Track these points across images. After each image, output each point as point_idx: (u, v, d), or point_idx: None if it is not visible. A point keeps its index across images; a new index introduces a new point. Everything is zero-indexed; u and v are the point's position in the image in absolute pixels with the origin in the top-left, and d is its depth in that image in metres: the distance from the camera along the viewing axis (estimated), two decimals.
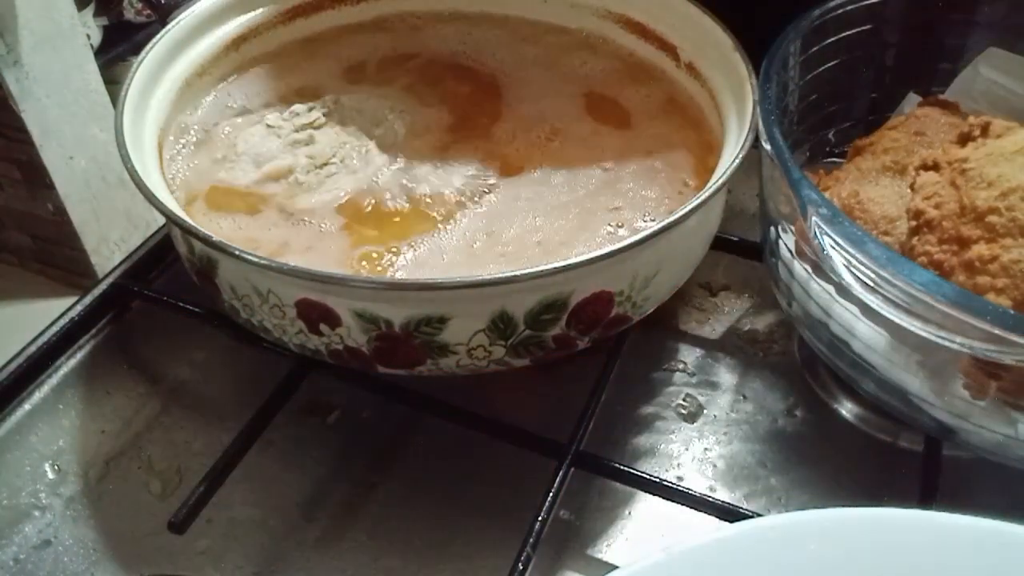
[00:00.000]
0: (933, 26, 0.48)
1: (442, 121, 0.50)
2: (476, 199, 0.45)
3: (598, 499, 0.41)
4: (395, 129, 0.49)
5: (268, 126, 0.48)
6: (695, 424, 0.44)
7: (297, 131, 0.48)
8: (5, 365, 0.45)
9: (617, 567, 0.27)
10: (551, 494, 0.37)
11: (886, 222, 0.41)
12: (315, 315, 0.37)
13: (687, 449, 0.43)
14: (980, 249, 0.35)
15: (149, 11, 1.74)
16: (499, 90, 0.52)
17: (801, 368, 0.47)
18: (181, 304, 0.46)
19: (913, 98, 0.49)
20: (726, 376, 0.46)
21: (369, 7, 0.57)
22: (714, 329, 0.49)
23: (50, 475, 0.42)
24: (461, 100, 0.51)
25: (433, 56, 0.55)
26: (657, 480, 0.39)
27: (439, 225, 0.43)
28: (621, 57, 0.54)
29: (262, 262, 0.36)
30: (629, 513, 0.41)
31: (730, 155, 0.41)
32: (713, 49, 0.48)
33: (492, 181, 0.46)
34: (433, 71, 0.53)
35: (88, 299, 0.48)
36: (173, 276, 0.51)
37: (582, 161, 0.47)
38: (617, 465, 0.40)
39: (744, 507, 0.38)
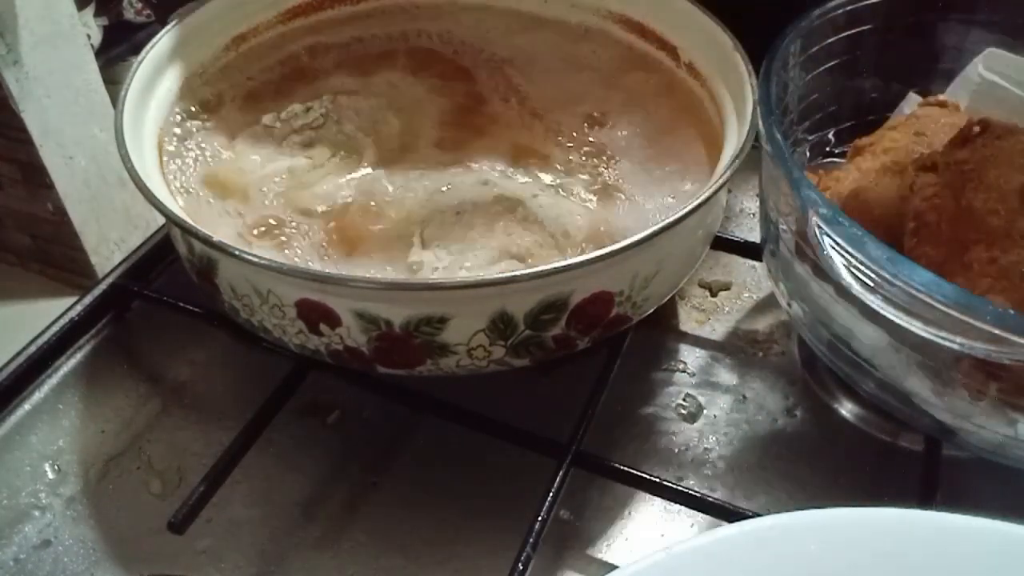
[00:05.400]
0: (933, 26, 0.48)
1: (443, 119, 0.50)
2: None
3: (598, 499, 0.41)
4: (395, 128, 0.49)
5: (266, 126, 0.48)
6: (695, 424, 0.44)
7: (295, 132, 0.48)
8: (5, 365, 0.45)
9: (617, 567, 0.27)
10: (551, 494, 0.37)
11: (886, 222, 0.41)
12: (315, 315, 0.37)
13: (687, 449, 0.43)
14: (979, 251, 0.35)
15: (149, 11, 1.74)
16: (500, 85, 0.52)
17: (801, 368, 0.47)
18: (181, 304, 0.46)
19: (913, 98, 0.49)
20: (726, 376, 0.47)
21: (368, 5, 0.57)
22: (714, 329, 0.49)
23: (50, 475, 0.42)
24: (461, 97, 0.51)
25: (434, 52, 0.55)
26: (657, 480, 0.39)
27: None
28: (621, 49, 0.54)
29: (262, 262, 0.36)
30: (629, 513, 0.41)
31: (730, 155, 0.41)
32: (713, 49, 0.48)
33: (490, 178, 0.46)
34: (434, 67, 0.53)
35: (88, 299, 0.48)
36: (173, 276, 0.51)
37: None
38: (617, 465, 0.40)
39: (744, 507, 0.38)
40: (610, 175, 0.46)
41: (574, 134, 0.49)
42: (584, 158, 0.47)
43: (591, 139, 0.48)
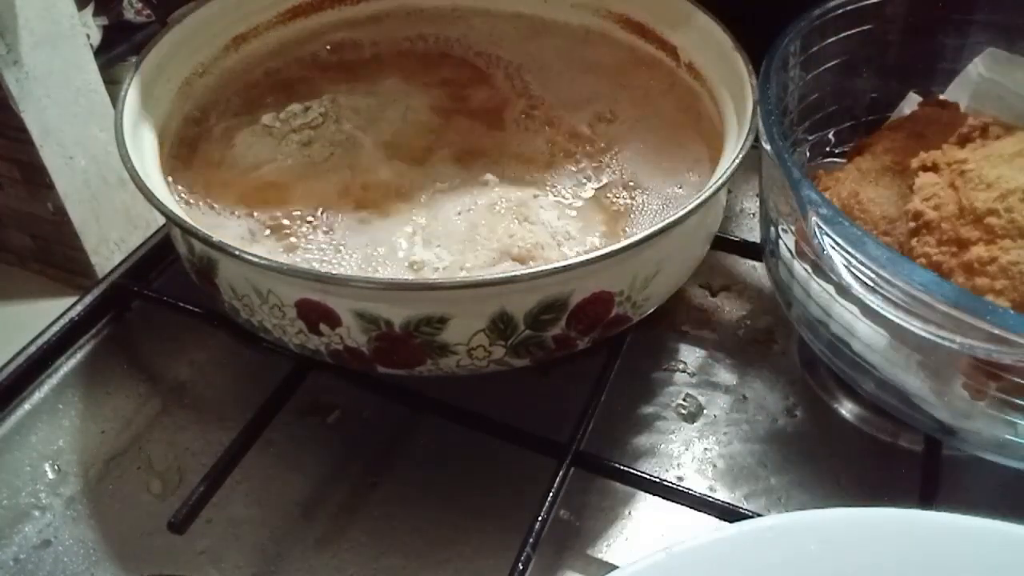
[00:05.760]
0: (933, 26, 0.48)
1: (443, 118, 0.50)
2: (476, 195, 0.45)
3: (598, 499, 0.41)
4: (395, 127, 0.49)
5: (265, 126, 0.48)
6: (695, 424, 0.44)
7: (295, 131, 0.48)
8: (5, 365, 0.45)
9: (617, 567, 0.27)
10: (551, 494, 0.37)
11: (886, 222, 0.41)
12: (315, 315, 0.37)
13: (687, 449, 0.43)
14: (979, 251, 0.35)
15: (149, 11, 1.74)
16: (499, 83, 0.52)
17: (801, 368, 0.47)
18: (181, 304, 0.46)
19: (913, 98, 0.49)
20: (726, 376, 0.47)
21: (368, 5, 0.57)
22: (714, 329, 0.49)
23: (50, 475, 0.42)
24: (461, 96, 0.51)
25: (434, 52, 0.55)
26: (657, 480, 0.39)
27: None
28: (623, 51, 0.54)
29: (262, 262, 0.36)
30: (629, 513, 0.41)
31: (730, 155, 0.41)
32: (713, 49, 0.48)
33: (490, 178, 0.46)
34: (434, 67, 0.53)
35: (88, 299, 0.48)
36: (173, 276, 0.51)
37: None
38: (617, 465, 0.40)
39: (744, 507, 0.38)
40: (610, 177, 0.46)
41: (576, 137, 0.49)
42: (585, 161, 0.47)
43: (592, 143, 0.48)
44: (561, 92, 0.51)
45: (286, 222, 0.43)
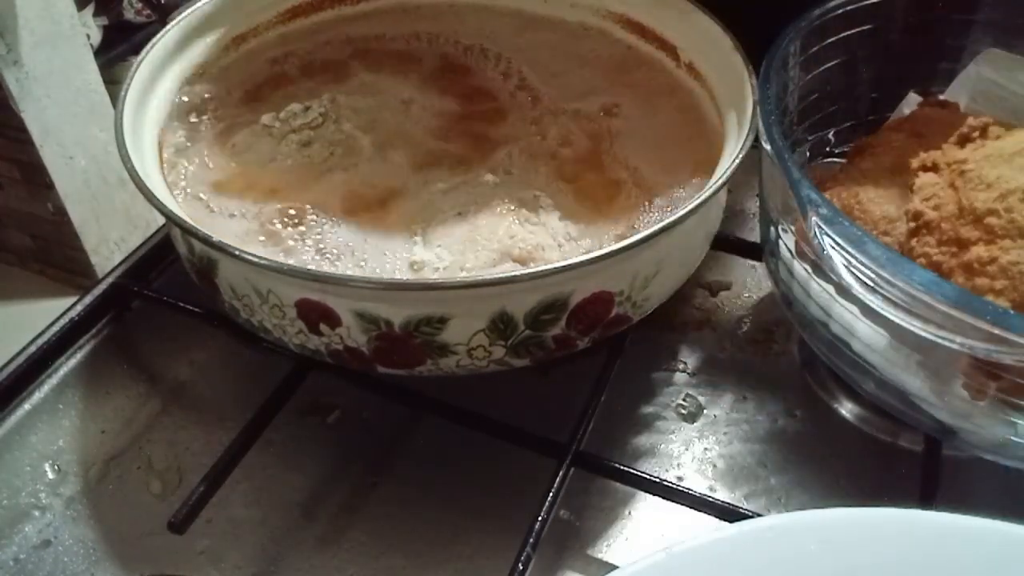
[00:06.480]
0: (933, 26, 0.48)
1: (444, 117, 0.50)
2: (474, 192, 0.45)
3: (598, 499, 0.41)
4: (395, 127, 0.49)
5: (265, 126, 0.48)
6: (695, 424, 0.44)
7: (294, 131, 0.48)
8: (5, 365, 0.45)
9: (617, 567, 0.27)
10: (551, 494, 0.37)
11: (886, 222, 0.41)
12: (315, 315, 0.37)
13: (687, 449, 0.43)
14: (979, 251, 0.35)
15: (149, 11, 1.74)
16: (498, 81, 0.52)
17: (801, 368, 0.47)
18: (181, 304, 0.46)
19: (913, 98, 0.49)
20: (726, 376, 0.46)
21: (368, 4, 0.57)
22: (714, 329, 0.49)
23: (50, 475, 0.42)
24: (462, 95, 0.51)
25: (433, 50, 0.55)
26: (657, 480, 0.39)
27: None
28: (621, 48, 0.54)
29: (262, 262, 0.36)
30: (629, 513, 0.41)
31: (730, 155, 0.41)
32: (713, 49, 0.48)
33: (491, 178, 0.46)
34: (434, 65, 0.53)
35: (88, 299, 0.48)
36: (173, 276, 0.51)
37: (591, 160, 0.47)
38: (617, 465, 0.40)
39: (744, 507, 0.38)
40: (611, 177, 0.46)
41: (575, 135, 0.49)
42: (586, 161, 0.47)
43: (591, 142, 0.48)
44: (562, 90, 0.51)
45: (285, 222, 0.43)
